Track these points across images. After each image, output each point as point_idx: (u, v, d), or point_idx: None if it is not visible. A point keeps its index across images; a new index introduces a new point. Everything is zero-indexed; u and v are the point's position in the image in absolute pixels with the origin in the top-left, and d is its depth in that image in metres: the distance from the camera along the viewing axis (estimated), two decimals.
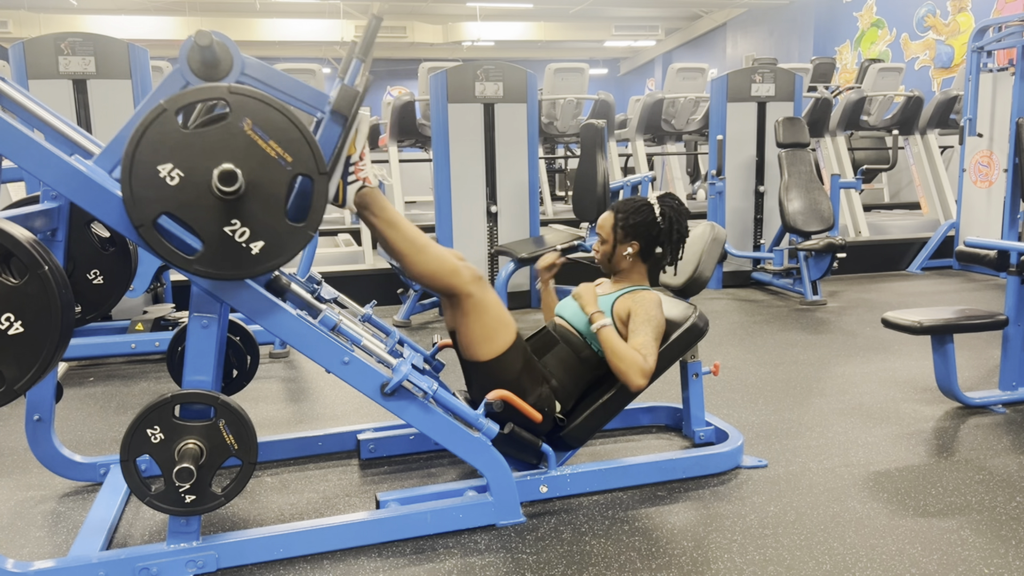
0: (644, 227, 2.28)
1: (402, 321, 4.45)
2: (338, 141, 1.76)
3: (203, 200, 1.56)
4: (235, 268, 1.61)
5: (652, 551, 1.86)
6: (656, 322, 2.20)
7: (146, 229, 1.56)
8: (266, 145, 1.57)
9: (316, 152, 1.60)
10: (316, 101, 1.82)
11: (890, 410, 2.84)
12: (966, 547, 1.84)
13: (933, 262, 6.01)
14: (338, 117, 1.76)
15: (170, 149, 1.53)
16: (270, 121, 1.57)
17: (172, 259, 1.59)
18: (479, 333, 2.07)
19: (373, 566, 1.82)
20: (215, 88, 1.56)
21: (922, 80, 11.08)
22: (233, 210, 1.57)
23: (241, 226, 1.59)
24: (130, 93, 4.02)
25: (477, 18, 15.95)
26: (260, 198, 1.58)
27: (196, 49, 1.68)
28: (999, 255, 2.82)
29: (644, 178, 4.74)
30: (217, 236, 1.58)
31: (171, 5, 14.56)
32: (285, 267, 2.71)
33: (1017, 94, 5.07)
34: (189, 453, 1.67)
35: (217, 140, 1.55)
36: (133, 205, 1.54)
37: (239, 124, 1.55)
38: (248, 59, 1.76)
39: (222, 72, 1.73)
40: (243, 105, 1.56)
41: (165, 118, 1.53)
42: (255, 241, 1.60)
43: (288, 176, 1.59)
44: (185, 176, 1.54)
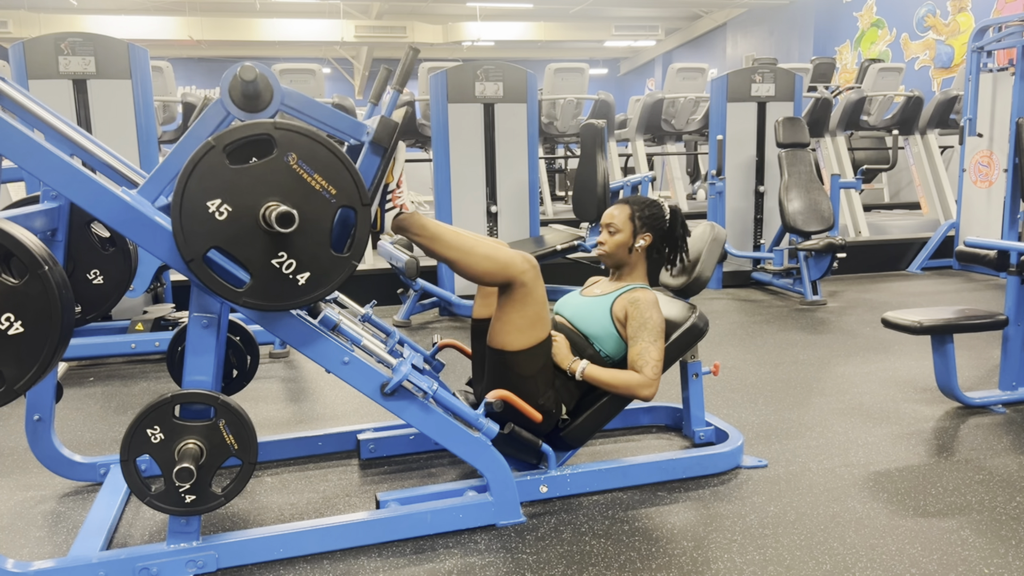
0: (658, 220, 2.33)
1: (402, 321, 4.45)
2: (376, 171, 1.82)
3: (251, 234, 1.60)
4: (282, 299, 1.66)
5: (652, 551, 1.86)
6: (652, 323, 2.19)
7: (196, 264, 1.60)
8: (311, 179, 1.62)
9: (359, 184, 1.65)
10: (353, 131, 1.85)
11: (890, 410, 2.84)
12: (966, 547, 1.85)
13: (933, 262, 6.01)
14: (378, 148, 1.81)
15: (219, 185, 1.58)
16: (314, 155, 1.61)
17: (222, 292, 1.63)
18: (518, 322, 2.08)
19: (373, 566, 1.82)
20: (260, 124, 1.60)
21: (922, 80, 11.08)
22: (280, 243, 1.62)
23: (288, 258, 1.64)
24: (130, 93, 4.02)
25: (477, 18, 15.96)
26: (306, 231, 1.63)
27: (239, 83, 1.70)
28: (999, 255, 2.82)
29: (644, 178, 4.74)
30: (265, 269, 1.63)
31: (171, 5, 14.56)
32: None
33: (1017, 94, 5.07)
34: (189, 453, 1.67)
35: (264, 175, 1.59)
36: (184, 240, 1.59)
37: (284, 159, 1.59)
38: (287, 90, 1.78)
39: (263, 104, 1.75)
40: (288, 140, 1.60)
41: (213, 155, 1.57)
42: (301, 272, 1.65)
43: (333, 209, 1.64)
44: (233, 211, 1.59)
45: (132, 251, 2.18)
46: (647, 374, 2.15)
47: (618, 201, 2.39)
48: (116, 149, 2.20)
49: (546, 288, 4.94)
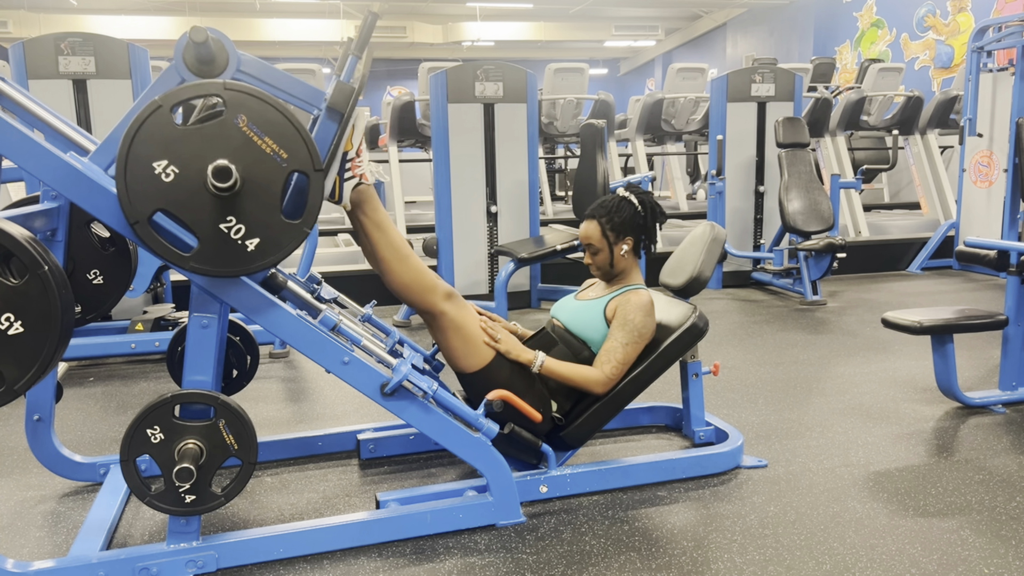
0: (631, 220, 2.27)
1: (402, 321, 4.45)
2: (334, 138, 1.76)
3: (198, 197, 1.55)
4: (231, 265, 1.61)
5: (652, 551, 1.86)
6: (633, 325, 2.17)
7: (141, 226, 1.56)
8: (261, 142, 1.57)
9: (312, 149, 1.60)
10: (312, 98, 1.81)
11: (890, 410, 2.84)
12: (966, 547, 1.84)
13: (933, 262, 6.01)
14: (334, 114, 1.76)
15: (165, 145, 1.53)
16: (265, 118, 1.56)
17: (168, 256, 1.58)
18: (459, 348, 2.10)
19: (373, 566, 1.82)
20: (210, 84, 1.56)
21: (922, 80, 11.08)
22: (228, 207, 1.57)
23: (236, 223, 1.58)
24: (130, 93, 4.01)
25: (477, 18, 15.95)
26: (255, 195, 1.58)
27: (191, 46, 1.68)
28: (999, 255, 2.82)
29: (644, 178, 4.74)
30: (212, 233, 1.58)
31: (171, 5, 14.56)
32: (285, 267, 2.71)
33: (1017, 94, 5.07)
34: (189, 453, 1.67)
35: (212, 136, 1.54)
36: (128, 202, 1.54)
37: (234, 120, 1.55)
38: (244, 56, 1.75)
39: (218, 69, 1.72)
40: (238, 101, 1.55)
41: (160, 114, 1.53)
42: (251, 238, 1.60)
43: (283, 173, 1.59)
44: (180, 173, 1.54)
45: (132, 251, 2.18)
46: (606, 372, 2.14)
47: (587, 215, 2.33)
48: None
49: (546, 288, 4.92)
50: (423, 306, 2.07)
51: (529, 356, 2.12)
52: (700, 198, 9.15)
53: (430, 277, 2.07)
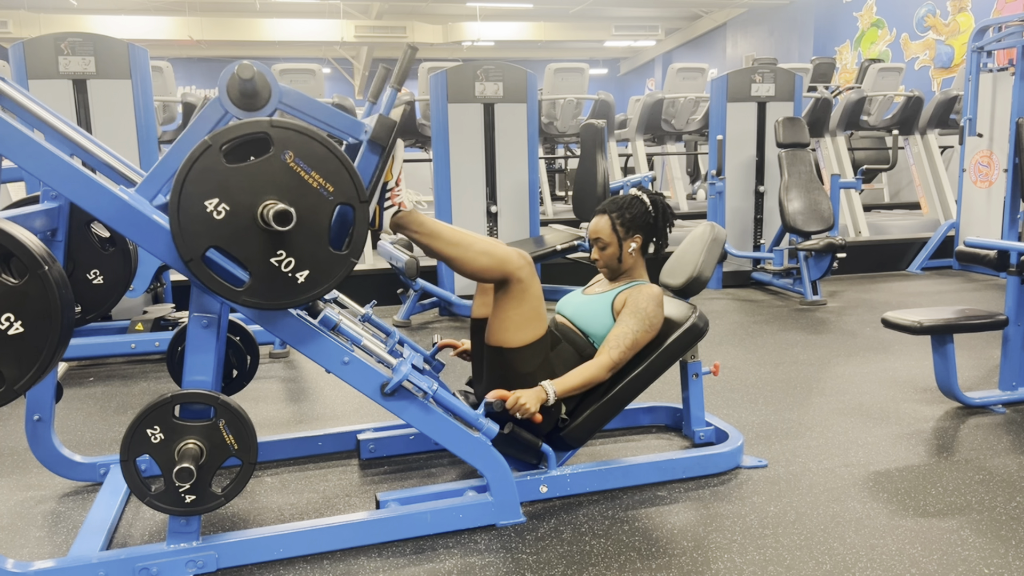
0: (642, 218, 2.29)
1: (402, 321, 4.45)
2: (375, 169, 1.81)
3: (249, 233, 1.60)
4: (282, 297, 1.65)
5: (652, 551, 1.86)
6: (645, 314, 2.18)
7: (195, 264, 1.60)
8: (308, 176, 1.61)
9: (357, 181, 1.65)
10: (351, 129, 1.85)
11: (890, 410, 2.84)
12: (966, 547, 1.84)
13: (933, 262, 6.01)
14: (375, 147, 1.81)
15: (216, 184, 1.57)
16: (311, 152, 1.61)
17: (221, 292, 1.63)
18: (516, 319, 2.08)
19: (373, 566, 1.82)
20: (257, 123, 1.59)
21: (922, 80, 11.08)
22: (279, 241, 1.62)
23: (287, 256, 1.63)
24: (130, 93, 4.01)
25: (477, 18, 15.96)
26: (304, 229, 1.62)
27: (236, 80, 1.70)
28: (999, 255, 2.82)
29: (644, 178, 4.74)
30: (264, 267, 1.63)
31: (171, 5, 14.56)
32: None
33: (1017, 94, 5.07)
34: (189, 453, 1.67)
35: (261, 173, 1.59)
36: (182, 240, 1.58)
37: (281, 157, 1.59)
38: (285, 88, 1.78)
39: (260, 102, 1.75)
40: (285, 138, 1.59)
41: (210, 154, 1.57)
42: (301, 270, 1.65)
43: (331, 206, 1.64)
44: (231, 210, 1.58)
45: (132, 251, 2.18)
46: (613, 357, 2.14)
47: (598, 210, 2.34)
48: (116, 149, 2.20)
49: (546, 288, 4.93)
50: (504, 277, 2.06)
51: (542, 395, 2.07)
52: (700, 198, 9.16)
53: (500, 251, 2.06)
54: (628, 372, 2.18)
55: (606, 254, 2.31)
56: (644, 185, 4.67)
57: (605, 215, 2.31)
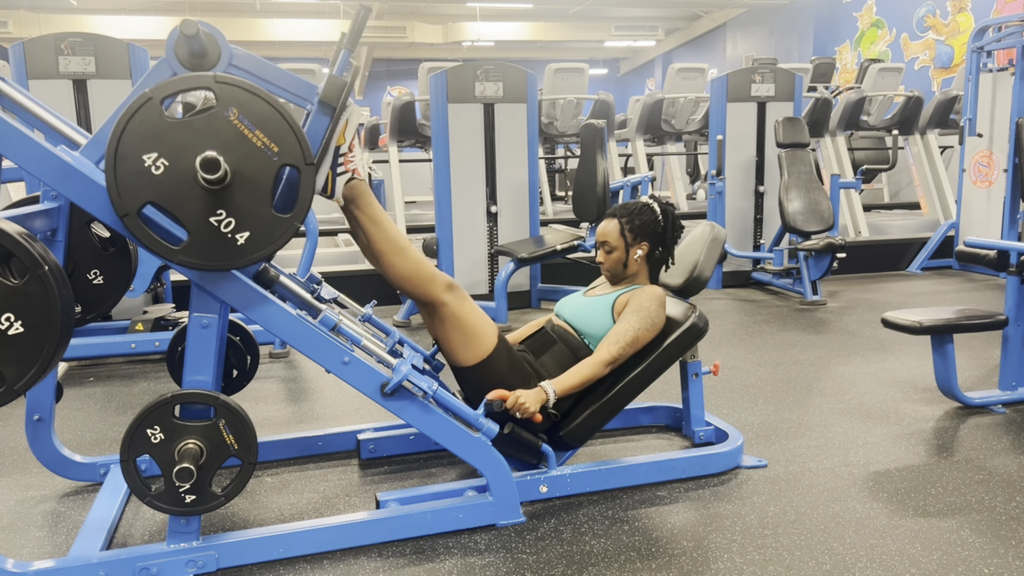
0: (650, 226, 2.29)
1: (402, 321, 4.45)
2: (326, 132, 1.76)
3: (188, 190, 1.55)
4: (221, 259, 1.60)
5: (652, 551, 1.86)
6: (647, 312, 2.18)
7: (131, 218, 1.55)
8: (252, 135, 1.56)
9: (303, 142, 1.59)
10: (304, 92, 1.80)
11: (890, 410, 2.84)
12: (966, 547, 1.84)
13: (933, 262, 6.01)
14: (326, 108, 1.75)
15: (155, 138, 1.52)
16: (256, 111, 1.56)
17: (157, 249, 1.57)
18: (458, 340, 2.09)
19: (373, 566, 1.82)
20: (201, 77, 1.55)
21: (922, 80, 11.08)
22: (219, 200, 1.56)
23: (227, 216, 1.57)
24: (130, 93, 4.01)
25: (477, 18, 15.95)
26: (246, 188, 1.57)
27: (183, 39, 1.68)
28: (999, 255, 2.82)
29: (644, 178, 4.74)
30: (202, 226, 1.57)
31: (171, 5, 14.57)
32: (286, 268, 2.71)
33: (1017, 94, 5.07)
34: (189, 453, 1.67)
35: (202, 129, 1.54)
36: (118, 194, 1.53)
37: (225, 113, 1.54)
38: (236, 50, 1.75)
39: (210, 62, 1.72)
40: (229, 95, 1.55)
41: (150, 107, 1.52)
42: (241, 231, 1.59)
43: (274, 166, 1.58)
44: (170, 165, 1.53)
45: (132, 251, 2.18)
46: (612, 352, 2.14)
47: (607, 214, 2.35)
48: None
49: (546, 288, 4.92)
50: (423, 297, 2.06)
51: (543, 396, 2.07)
52: (700, 198, 9.15)
53: (429, 268, 2.06)
54: (628, 372, 2.18)
55: (612, 258, 2.31)
56: (644, 185, 4.67)
57: (615, 219, 2.31)
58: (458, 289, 2.10)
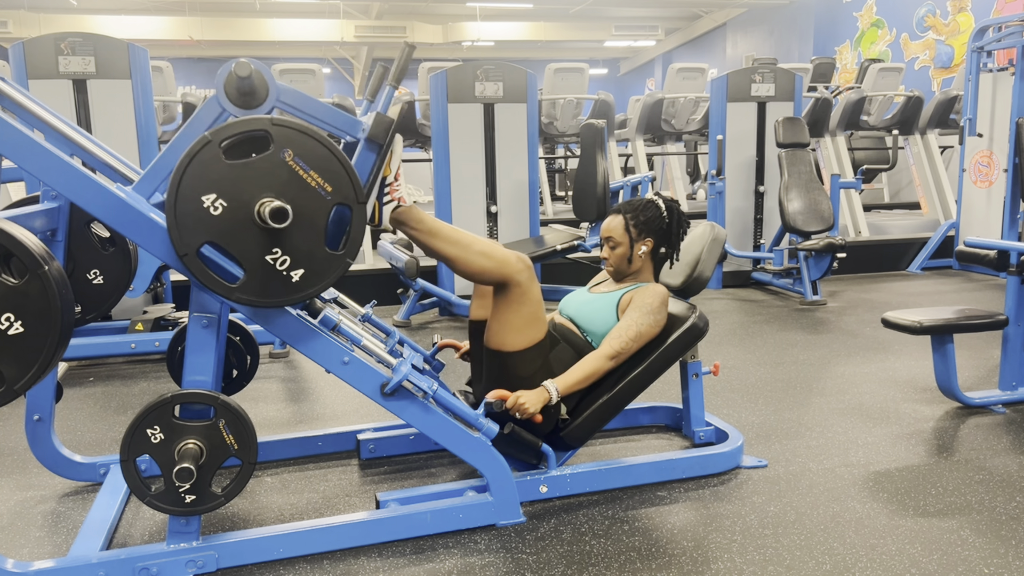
0: (655, 223, 2.30)
1: (402, 321, 4.45)
2: (372, 167, 1.81)
3: (246, 230, 1.60)
4: (276, 296, 1.65)
5: (652, 551, 1.86)
6: (650, 309, 2.18)
7: (190, 258, 1.59)
8: (307, 175, 1.61)
9: (355, 182, 1.65)
10: (349, 127, 1.85)
11: (890, 410, 2.84)
12: (966, 547, 1.84)
13: (933, 262, 6.01)
14: (373, 145, 1.81)
15: (214, 180, 1.57)
16: (311, 151, 1.61)
17: (215, 287, 1.62)
18: (516, 322, 2.08)
19: (373, 566, 1.82)
20: (258, 120, 1.59)
21: (922, 80, 11.08)
22: (275, 239, 1.61)
23: (282, 255, 1.63)
24: (130, 93, 4.01)
25: (477, 18, 15.95)
26: (301, 227, 1.62)
27: (233, 78, 1.70)
28: (999, 255, 2.82)
29: (644, 178, 4.74)
30: (259, 265, 1.62)
31: (171, 5, 14.56)
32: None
33: (1017, 94, 5.07)
34: (189, 453, 1.67)
35: (259, 171, 1.59)
36: (178, 234, 1.58)
37: (280, 155, 1.59)
38: (282, 87, 1.78)
39: (258, 100, 1.75)
40: (285, 136, 1.59)
41: (209, 149, 1.56)
42: (295, 269, 1.64)
43: (328, 206, 1.64)
44: (228, 206, 1.58)
45: (132, 251, 2.18)
46: (615, 347, 2.14)
47: (613, 210, 2.35)
48: (116, 149, 2.20)
49: (546, 288, 4.92)
50: (503, 280, 2.05)
51: (545, 395, 2.07)
52: (700, 198, 9.16)
53: (500, 253, 2.05)
54: (628, 372, 2.18)
55: (616, 254, 2.31)
56: (644, 185, 4.67)
57: (620, 215, 2.32)
58: (532, 270, 2.09)
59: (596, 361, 2.14)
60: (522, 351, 2.09)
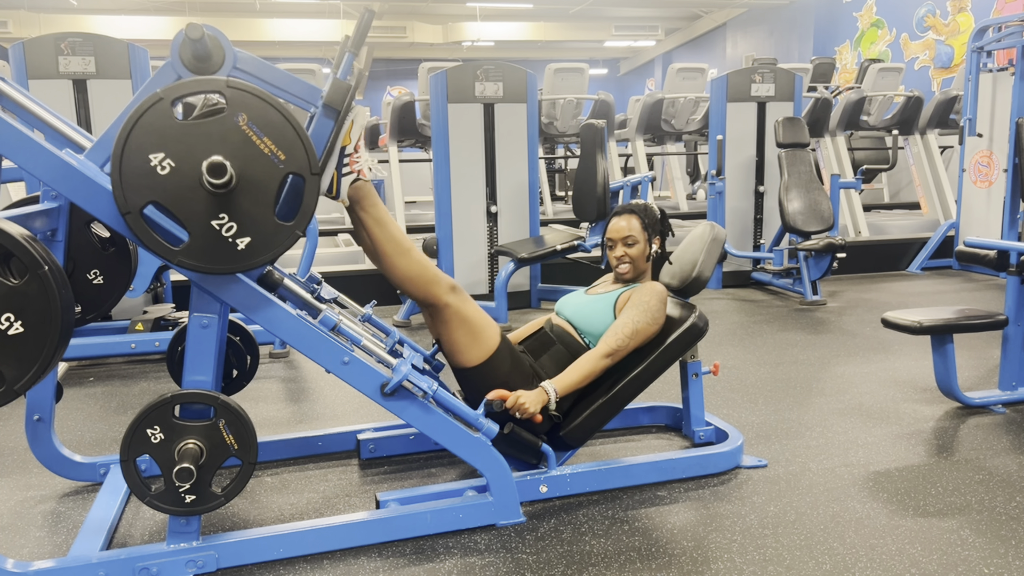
0: (659, 225, 2.38)
1: (402, 321, 4.45)
2: (330, 134, 1.76)
3: (192, 192, 1.55)
4: (220, 262, 1.60)
5: (652, 551, 1.86)
6: (648, 307, 2.19)
7: (133, 217, 1.55)
8: (260, 141, 1.56)
9: (310, 152, 1.60)
10: (309, 95, 1.81)
11: (890, 410, 2.84)
12: (966, 547, 1.84)
13: (933, 262, 6.01)
14: (330, 111, 1.76)
15: (163, 139, 1.53)
16: (265, 118, 1.56)
17: (157, 249, 1.58)
18: (461, 341, 2.10)
19: (373, 566, 1.82)
20: (212, 81, 1.56)
21: (922, 80, 11.08)
22: (222, 204, 1.56)
23: (228, 221, 1.58)
24: (130, 93, 4.01)
25: (477, 18, 15.95)
26: (250, 194, 1.58)
27: (187, 42, 1.68)
28: (999, 255, 2.82)
29: (644, 178, 4.74)
30: (204, 229, 1.57)
31: (171, 5, 14.56)
32: (285, 268, 2.71)
33: (1017, 94, 5.07)
34: (189, 453, 1.67)
35: (211, 133, 1.54)
36: (122, 192, 1.53)
37: (234, 119, 1.55)
38: (240, 53, 1.76)
39: (214, 66, 1.73)
40: (240, 100, 1.55)
41: (160, 107, 1.52)
42: (242, 237, 1.60)
43: (280, 174, 1.59)
44: (176, 166, 1.54)
45: (132, 251, 2.18)
46: (611, 345, 2.15)
47: (623, 213, 2.38)
48: None
49: (546, 288, 4.90)
50: (427, 298, 2.06)
51: (544, 396, 2.07)
52: (700, 198, 9.15)
53: (432, 270, 2.07)
54: (628, 372, 2.18)
55: (634, 251, 2.33)
56: (644, 185, 4.67)
57: (634, 215, 2.36)
58: (460, 290, 2.11)
59: (593, 360, 2.14)
60: (482, 364, 2.11)
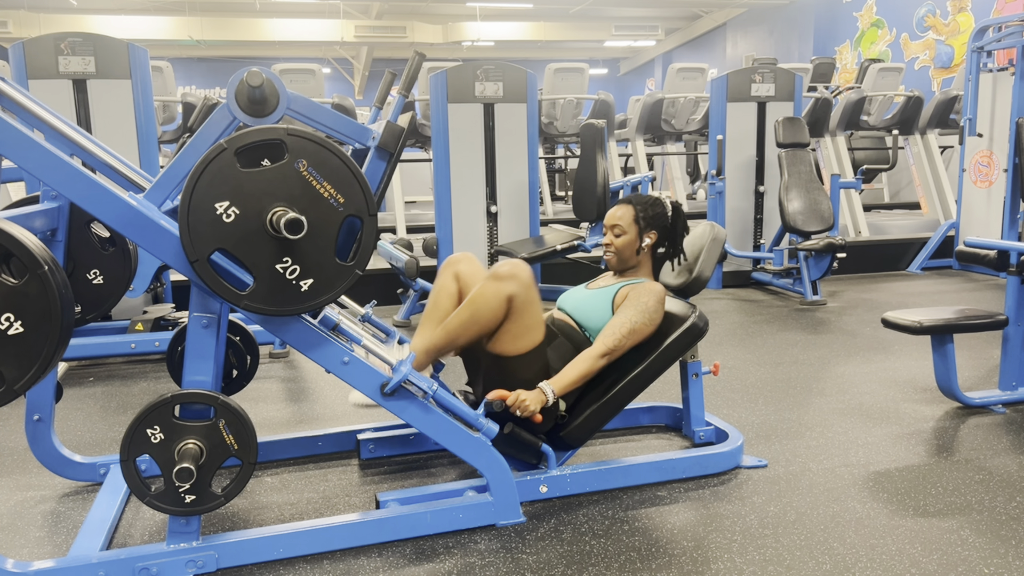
0: (661, 219, 2.34)
1: (402, 321, 4.45)
2: (382, 176, 1.83)
3: (257, 237, 1.61)
4: (284, 304, 1.66)
5: (652, 551, 1.86)
6: (645, 307, 2.18)
7: (201, 264, 1.60)
8: (320, 186, 1.62)
9: (367, 194, 1.65)
10: (359, 135, 1.87)
11: (890, 410, 2.84)
12: (966, 547, 1.84)
13: (933, 262, 6.01)
14: (383, 154, 1.82)
15: (228, 188, 1.58)
16: (324, 163, 1.62)
17: (224, 294, 1.63)
18: (515, 329, 2.09)
19: (373, 566, 1.82)
20: (273, 130, 1.60)
21: (922, 80, 11.08)
22: (286, 248, 1.63)
23: (292, 264, 1.64)
24: (130, 93, 4.01)
25: (477, 18, 15.95)
26: (312, 237, 1.63)
27: (245, 87, 1.71)
28: (999, 255, 2.82)
29: (644, 178, 4.74)
30: (269, 273, 1.63)
31: (171, 5, 14.56)
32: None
33: (1017, 94, 5.07)
34: (189, 453, 1.67)
35: (273, 180, 1.60)
36: (189, 240, 1.59)
37: (295, 165, 1.60)
38: (292, 95, 1.79)
39: (269, 109, 1.77)
40: (299, 147, 1.60)
41: (224, 157, 1.57)
42: (305, 278, 1.66)
43: (340, 216, 1.65)
44: (241, 214, 1.59)
45: (132, 251, 2.18)
46: (608, 344, 2.14)
47: (620, 202, 2.38)
48: (116, 149, 2.21)
49: (546, 288, 4.92)
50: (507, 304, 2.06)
51: (542, 397, 2.06)
52: (700, 198, 9.16)
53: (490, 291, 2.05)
54: (628, 372, 2.18)
55: (621, 241, 2.32)
56: (644, 185, 4.67)
57: (629, 205, 2.34)
58: (522, 278, 2.06)
59: (590, 360, 2.14)
60: (522, 355, 2.09)
